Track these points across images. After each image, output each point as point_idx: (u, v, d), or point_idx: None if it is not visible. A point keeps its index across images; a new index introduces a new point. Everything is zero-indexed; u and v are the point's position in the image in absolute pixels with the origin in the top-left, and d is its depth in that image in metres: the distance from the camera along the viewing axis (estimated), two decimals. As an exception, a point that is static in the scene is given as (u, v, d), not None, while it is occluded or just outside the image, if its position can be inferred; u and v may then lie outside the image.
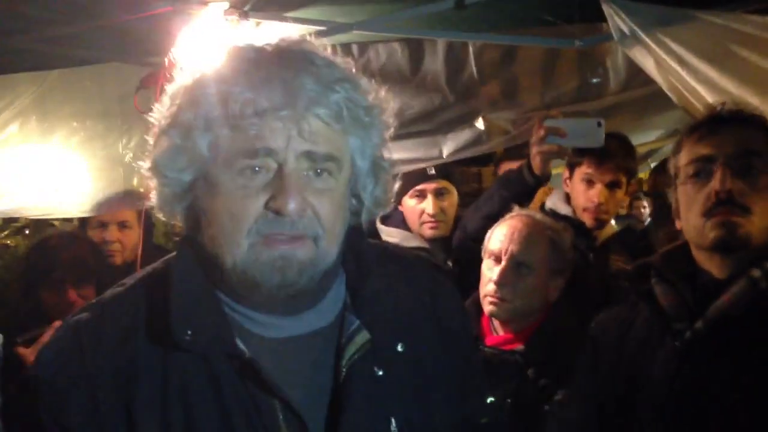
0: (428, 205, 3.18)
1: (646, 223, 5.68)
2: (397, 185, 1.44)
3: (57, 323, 2.88)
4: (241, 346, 1.26)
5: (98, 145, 3.60)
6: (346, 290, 1.40)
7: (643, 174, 4.98)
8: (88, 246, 3.23)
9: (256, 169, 1.23)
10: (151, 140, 1.32)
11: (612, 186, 3.08)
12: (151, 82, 3.21)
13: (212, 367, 1.26)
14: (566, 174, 3.17)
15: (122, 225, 3.56)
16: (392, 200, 1.43)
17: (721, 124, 1.83)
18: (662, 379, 1.79)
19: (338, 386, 1.31)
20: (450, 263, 3.22)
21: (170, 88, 1.31)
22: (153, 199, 1.32)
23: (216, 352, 1.26)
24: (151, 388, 1.26)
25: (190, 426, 1.24)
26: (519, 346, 2.48)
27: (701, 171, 1.81)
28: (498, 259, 2.51)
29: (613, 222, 3.21)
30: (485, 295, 2.52)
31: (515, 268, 2.49)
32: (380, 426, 1.32)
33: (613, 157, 2.99)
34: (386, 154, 1.40)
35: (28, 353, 2.86)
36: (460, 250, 3.01)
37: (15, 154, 3.55)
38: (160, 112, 1.30)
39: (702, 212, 1.79)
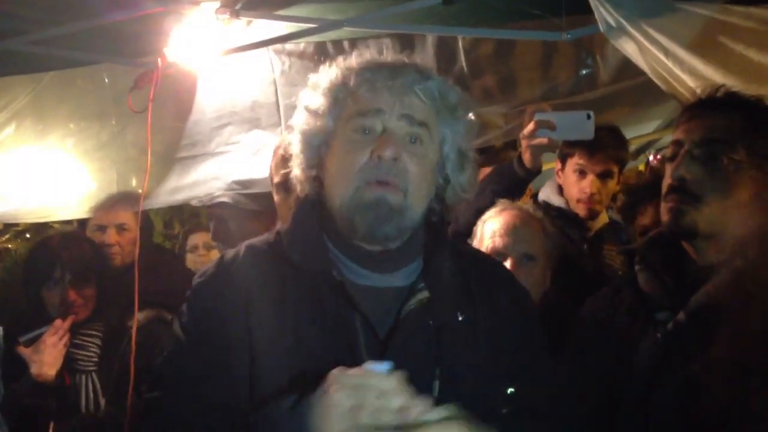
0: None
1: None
2: None
3: (58, 322, 2.96)
4: (336, 273, 1.59)
5: (94, 146, 3.63)
6: (423, 264, 1.67)
7: (643, 166, 4.99)
8: (89, 246, 3.25)
9: (366, 130, 1.57)
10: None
11: (604, 176, 3.12)
12: (145, 81, 3.23)
13: (315, 282, 1.59)
14: (558, 165, 3.20)
15: (120, 227, 3.57)
16: (476, 188, 1.74)
17: (700, 110, 1.85)
18: (644, 371, 1.81)
19: (398, 323, 1.58)
20: None
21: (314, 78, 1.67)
22: (294, 170, 1.70)
23: (317, 273, 1.59)
24: (270, 298, 1.58)
25: (298, 329, 1.54)
26: None
27: (673, 155, 1.86)
28: (501, 256, 2.51)
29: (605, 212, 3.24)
30: None
31: (522, 261, 2.51)
32: (426, 369, 1.54)
33: (605, 147, 3.02)
34: (472, 148, 1.69)
35: (29, 353, 2.90)
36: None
37: (11, 157, 3.60)
38: (303, 104, 1.67)
39: (662, 197, 1.82)
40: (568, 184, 3.19)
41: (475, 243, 2.61)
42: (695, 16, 2.50)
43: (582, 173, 3.12)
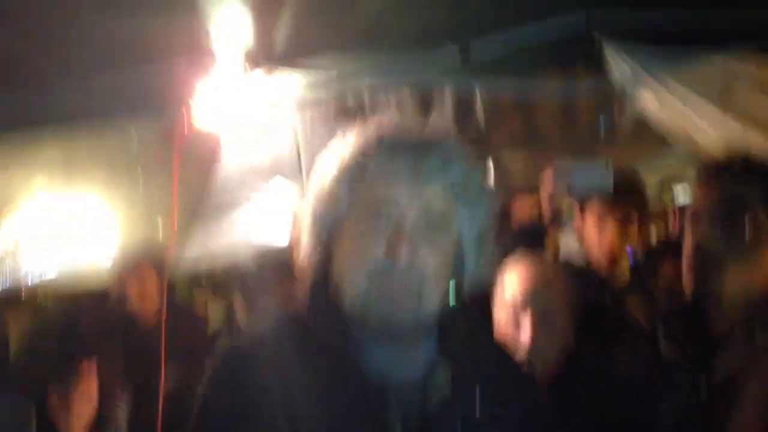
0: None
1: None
2: None
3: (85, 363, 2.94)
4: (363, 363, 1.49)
5: (121, 201, 3.69)
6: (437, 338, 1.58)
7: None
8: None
9: (380, 220, 1.46)
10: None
11: (623, 223, 3.06)
12: (171, 135, 3.30)
13: (346, 377, 1.48)
14: (577, 210, 3.15)
15: (143, 292, 3.60)
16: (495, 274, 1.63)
17: (721, 173, 1.83)
18: None
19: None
20: None
21: (329, 157, 1.57)
22: (303, 250, 1.59)
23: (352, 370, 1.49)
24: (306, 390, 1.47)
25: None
26: None
27: (694, 218, 1.83)
28: (523, 309, 2.48)
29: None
30: (516, 350, 2.45)
31: (545, 316, 2.43)
32: None
33: (623, 193, 2.97)
34: (492, 230, 1.60)
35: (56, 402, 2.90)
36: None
37: (43, 214, 3.68)
38: (317, 177, 1.57)
39: (684, 261, 1.80)
40: (587, 232, 3.13)
41: (497, 296, 2.57)
42: (712, 64, 2.51)
43: (601, 219, 3.07)
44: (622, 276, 3.13)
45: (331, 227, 1.57)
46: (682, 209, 3.82)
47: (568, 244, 3.23)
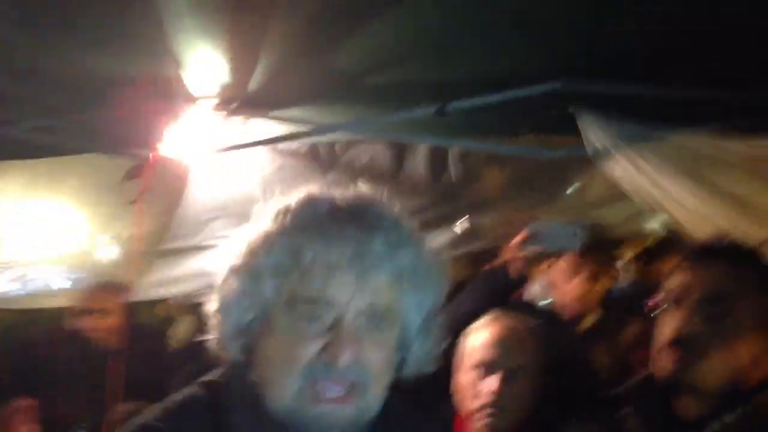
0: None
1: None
2: None
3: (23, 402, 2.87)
4: None
5: (82, 233, 3.62)
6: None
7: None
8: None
9: (315, 319, 1.29)
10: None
11: (592, 278, 3.11)
12: (137, 174, 3.26)
13: None
14: (546, 264, 3.19)
15: (101, 312, 3.56)
16: (438, 359, 1.46)
17: (707, 259, 1.83)
18: None
19: None
20: None
21: (247, 235, 1.37)
22: (212, 334, 1.39)
23: None
24: None
25: None
26: None
27: (677, 302, 1.81)
28: (488, 369, 2.45)
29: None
30: (481, 408, 2.40)
31: (511, 375, 2.41)
32: None
33: (594, 249, 3.01)
34: (439, 312, 1.45)
35: None
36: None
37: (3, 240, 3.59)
38: (233, 253, 1.37)
39: (662, 344, 1.79)
40: (558, 283, 3.18)
41: (460, 357, 2.56)
42: (682, 147, 2.54)
43: (571, 274, 3.12)
44: (589, 326, 3.18)
45: (252, 322, 1.36)
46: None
47: (536, 295, 3.26)
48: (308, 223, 1.34)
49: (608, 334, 3.15)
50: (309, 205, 1.37)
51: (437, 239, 3.16)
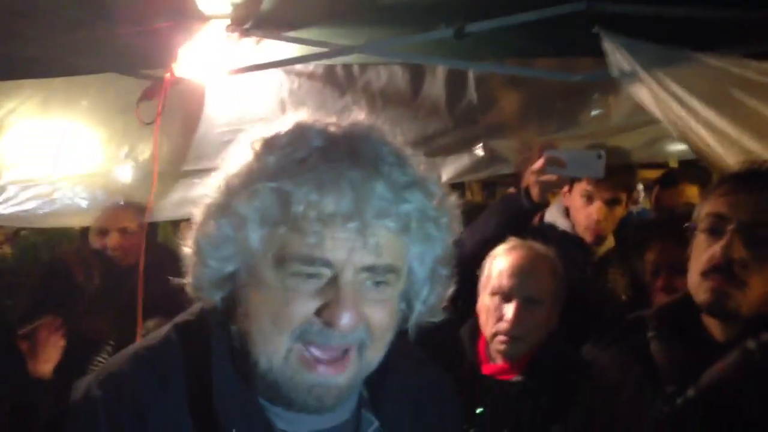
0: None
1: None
2: None
3: (49, 318, 2.96)
4: None
5: (100, 151, 3.62)
6: (364, 385, 1.33)
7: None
8: (103, 263, 3.28)
9: (310, 276, 1.14)
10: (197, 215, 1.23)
11: (611, 203, 3.08)
12: (153, 94, 3.23)
13: None
14: (566, 188, 3.15)
15: (123, 231, 3.59)
16: (443, 308, 1.35)
17: (748, 184, 1.77)
18: None
19: None
20: None
21: (228, 170, 1.22)
22: (189, 278, 1.25)
23: None
24: None
25: None
26: (515, 377, 2.46)
27: (714, 228, 1.78)
28: (506, 297, 2.46)
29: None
30: (496, 334, 2.46)
31: (528, 305, 2.44)
32: None
33: (613, 174, 2.96)
34: (447, 261, 1.32)
35: (27, 348, 2.94)
36: (456, 270, 2.99)
37: (20, 159, 3.60)
38: (211, 191, 1.22)
39: (701, 271, 1.76)
40: (574, 208, 3.15)
41: (483, 279, 2.57)
42: (711, 67, 2.44)
43: (589, 198, 3.08)
44: (606, 251, 3.17)
45: (234, 273, 1.21)
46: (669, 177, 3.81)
47: (555, 216, 3.24)
48: (298, 165, 1.15)
49: (626, 259, 3.12)
50: (298, 138, 1.19)
51: (455, 164, 3.12)
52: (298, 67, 3.24)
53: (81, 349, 3.07)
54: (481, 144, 3.13)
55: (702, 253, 1.79)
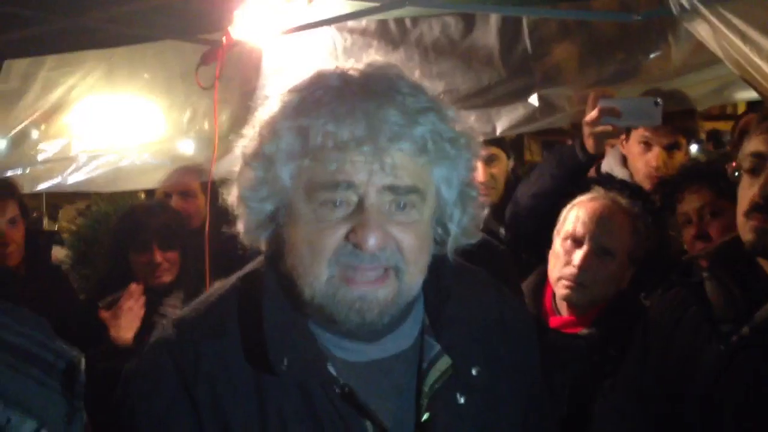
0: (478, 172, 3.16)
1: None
2: None
3: (133, 286, 3.08)
4: (333, 371, 1.29)
5: (162, 120, 3.72)
6: (425, 312, 1.40)
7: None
8: (173, 214, 3.39)
9: (337, 202, 1.23)
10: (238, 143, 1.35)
11: (670, 148, 3.00)
12: (211, 59, 3.30)
13: (307, 391, 1.28)
14: (623, 136, 3.09)
15: (185, 194, 3.70)
16: (479, 228, 1.40)
17: None
18: (706, 382, 1.76)
19: (422, 414, 1.32)
20: (503, 231, 3.19)
21: (255, 119, 1.32)
22: (238, 225, 1.37)
23: (311, 378, 1.29)
24: (248, 411, 1.27)
25: None
26: (582, 330, 2.45)
27: (756, 167, 1.75)
28: (578, 242, 2.45)
29: None
30: (561, 278, 2.46)
31: (598, 254, 2.43)
32: None
33: (672, 118, 2.88)
34: (474, 182, 1.38)
35: (108, 317, 3.05)
36: (513, 225, 2.99)
37: (87, 128, 3.74)
38: (244, 141, 1.33)
39: (744, 211, 1.74)
40: (632, 156, 3.10)
41: (559, 225, 2.56)
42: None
43: (647, 145, 3.03)
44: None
45: (274, 213, 1.31)
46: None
47: (612, 165, 3.19)
48: (315, 103, 1.24)
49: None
50: (316, 83, 1.27)
51: (510, 116, 3.09)
52: (351, 23, 3.24)
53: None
54: (535, 94, 3.08)
55: (744, 193, 1.77)
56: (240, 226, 1.36)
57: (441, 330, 1.38)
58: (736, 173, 1.88)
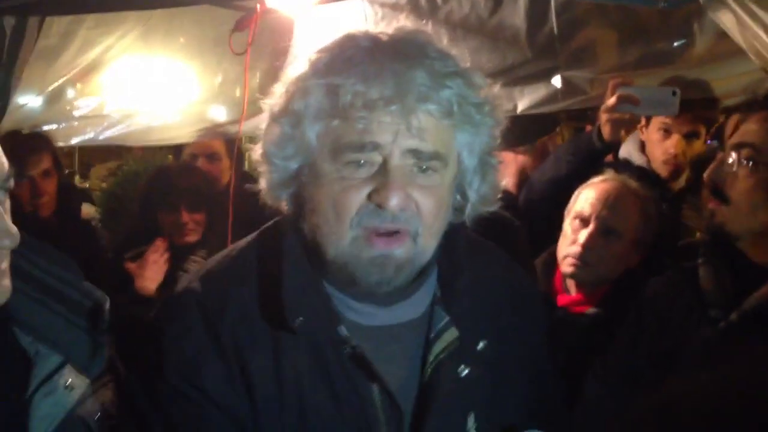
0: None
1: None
2: None
3: (159, 241, 3.20)
4: (345, 332, 1.32)
5: (196, 81, 3.82)
6: (438, 284, 1.43)
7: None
8: (202, 176, 3.49)
9: (362, 162, 1.25)
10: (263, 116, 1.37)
11: (690, 136, 3.04)
12: (245, 25, 3.37)
13: (320, 349, 1.32)
14: (642, 121, 3.12)
15: (211, 157, 3.80)
16: (498, 196, 1.43)
17: (755, 111, 1.82)
18: (694, 366, 1.78)
19: (425, 382, 1.36)
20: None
21: (285, 76, 1.34)
22: (261, 183, 1.39)
23: (323, 337, 1.32)
24: (265, 364, 1.32)
25: (302, 403, 1.31)
26: (590, 309, 2.51)
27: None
28: (585, 222, 2.50)
29: None
30: (567, 255, 2.51)
31: (604, 233, 2.47)
32: (459, 421, 1.37)
33: (692, 106, 2.91)
34: (495, 150, 1.39)
35: (134, 268, 3.18)
36: (527, 210, 3.04)
37: (122, 87, 3.84)
38: (272, 99, 1.34)
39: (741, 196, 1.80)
40: (651, 143, 3.12)
41: (570, 205, 2.62)
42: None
43: (667, 132, 3.05)
44: (682, 186, 3.14)
45: (299, 171, 1.32)
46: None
47: (630, 151, 3.22)
48: (345, 62, 1.25)
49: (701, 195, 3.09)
50: (346, 44, 1.30)
51: (532, 95, 3.14)
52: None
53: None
54: (558, 76, 3.13)
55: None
56: (262, 183, 1.38)
57: (451, 302, 1.40)
58: None
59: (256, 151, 1.38)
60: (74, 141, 3.84)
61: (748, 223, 1.77)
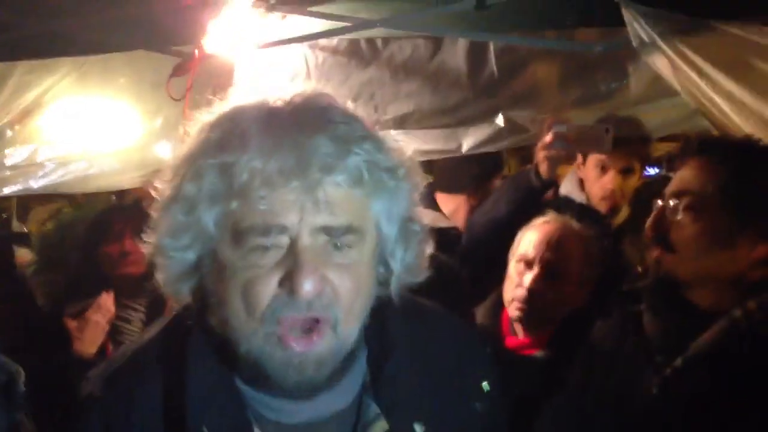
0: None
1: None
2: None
3: (102, 298, 3.05)
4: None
5: (132, 128, 3.73)
6: (367, 367, 1.29)
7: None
8: (147, 212, 3.38)
9: (268, 246, 1.10)
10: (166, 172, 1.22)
11: (625, 172, 3.08)
12: (183, 71, 3.31)
13: None
14: (579, 159, 3.17)
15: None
16: (425, 266, 1.28)
17: (690, 156, 1.84)
18: (641, 412, 1.79)
19: None
20: None
21: (175, 156, 1.20)
22: (157, 276, 1.24)
23: None
24: None
25: None
26: (537, 351, 2.50)
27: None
28: (530, 264, 2.49)
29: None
30: (513, 299, 2.50)
31: (549, 276, 2.47)
32: None
33: (627, 143, 2.97)
34: (417, 216, 1.26)
35: (74, 328, 3.00)
36: (469, 251, 3.02)
37: (57, 135, 3.72)
38: (162, 186, 1.20)
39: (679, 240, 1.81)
40: (589, 180, 3.17)
41: (513, 247, 2.61)
42: (730, 36, 2.43)
43: (603, 169, 3.10)
44: (620, 222, 3.18)
45: (198, 263, 1.19)
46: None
47: (570, 189, 3.26)
48: (238, 137, 1.11)
49: (639, 230, 3.13)
50: (238, 116, 1.16)
51: (476, 135, 3.17)
52: (323, 41, 3.30)
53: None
54: (501, 115, 3.16)
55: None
56: (159, 277, 1.23)
57: (382, 388, 1.26)
58: None
59: (148, 242, 1.22)
60: (6, 191, 3.69)
61: (695, 270, 1.78)
